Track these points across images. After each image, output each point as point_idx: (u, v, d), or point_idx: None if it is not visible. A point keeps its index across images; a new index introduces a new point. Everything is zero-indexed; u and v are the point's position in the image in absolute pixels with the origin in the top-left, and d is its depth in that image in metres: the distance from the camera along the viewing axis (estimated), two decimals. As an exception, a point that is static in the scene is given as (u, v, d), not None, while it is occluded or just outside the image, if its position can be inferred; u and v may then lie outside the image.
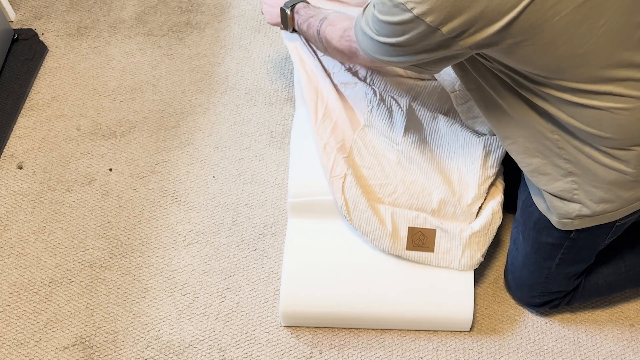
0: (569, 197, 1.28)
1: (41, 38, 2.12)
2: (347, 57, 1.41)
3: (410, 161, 1.54)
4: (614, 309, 1.58)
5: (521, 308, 1.58)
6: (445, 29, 1.06)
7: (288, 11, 1.58)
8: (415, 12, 1.06)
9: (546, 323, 1.56)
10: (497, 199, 1.52)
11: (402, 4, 1.07)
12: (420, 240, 1.47)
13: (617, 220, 1.31)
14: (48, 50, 2.10)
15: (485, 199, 1.52)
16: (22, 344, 1.57)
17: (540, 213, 1.36)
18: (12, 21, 2.17)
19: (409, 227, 1.47)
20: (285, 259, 1.53)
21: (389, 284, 1.49)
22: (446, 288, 1.48)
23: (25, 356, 1.55)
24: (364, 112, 1.60)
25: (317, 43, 1.51)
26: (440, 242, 1.47)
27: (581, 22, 1.05)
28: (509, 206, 1.68)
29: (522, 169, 1.35)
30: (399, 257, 1.49)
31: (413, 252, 1.48)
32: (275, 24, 1.66)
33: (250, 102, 1.96)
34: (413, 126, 1.59)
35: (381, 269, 1.50)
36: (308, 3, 1.60)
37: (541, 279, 1.47)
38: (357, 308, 1.50)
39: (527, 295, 1.53)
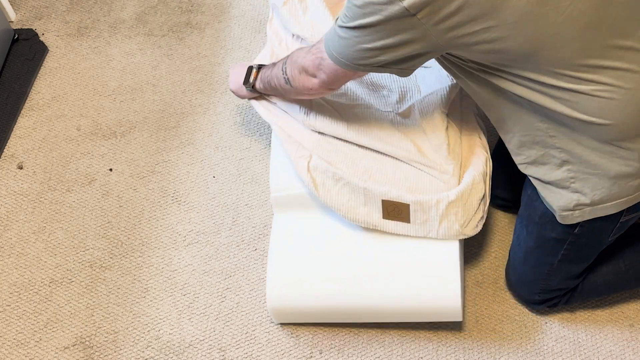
0: (566, 186, 1.28)
1: (41, 38, 2.12)
2: (310, 74, 1.36)
3: (373, 145, 1.52)
4: (614, 309, 1.58)
5: (521, 308, 1.58)
6: (420, 14, 1.09)
7: (254, 69, 1.57)
8: None
9: (546, 323, 1.56)
10: (477, 169, 1.48)
11: None
12: (395, 212, 1.45)
13: (620, 215, 1.31)
14: (48, 50, 2.10)
15: (462, 165, 1.50)
16: (22, 344, 1.57)
17: (546, 207, 1.37)
18: (12, 21, 2.17)
19: (382, 200, 1.45)
20: (270, 255, 1.53)
21: (375, 275, 1.48)
22: (433, 279, 1.46)
23: (25, 356, 1.55)
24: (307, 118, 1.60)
25: (279, 79, 1.47)
26: (416, 215, 1.45)
27: (544, 0, 1.07)
28: (511, 206, 1.68)
29: (526, 164, 1.36)
30: (380, 245, 1.48)
31: (389, 221, 1.46)
32: (236, 89, 1.63)
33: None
34: (361, 114, 1.59)
35: (367, 261, 1.49)
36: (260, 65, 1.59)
37: (542, 275, 1.47)
38: (345, 301, 1.49)
39: (527, 292, 1.53)
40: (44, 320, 1.60)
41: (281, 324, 1.57)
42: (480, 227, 1.47)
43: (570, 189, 1.28)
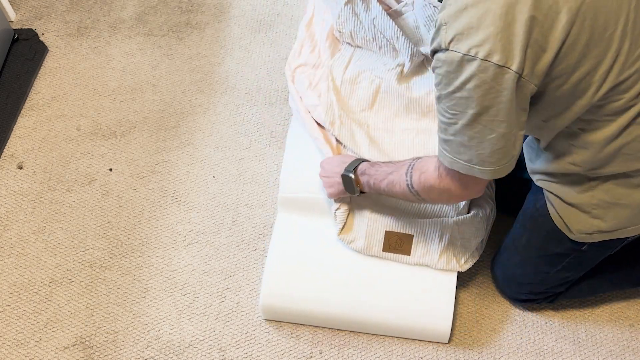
0: (588, 211, 1.26)
1: (41, 38, 2.12)
2: (455, 196, 1.26)
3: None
4: (614, 309, 1.58)
5: (521, 308, 1.58)
6: (513, 65, 1.03)
7: (352, 175, 1.43)
8: (480, 55, 1.02)
9: (546, 323, 1.56)
10: (484, 211, 1.51)
11: (465, 54, 1.03)
12: (397, 243, 1.48)
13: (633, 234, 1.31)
14: (48, 50, 2.10)
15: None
16: (22, 343, 1.57)
17: (555, 225, 1.33)
18: (12, 21, 2.17)
19: (385, 231, 1.49)
20: (270, 253, 1.54)
21: (370, 288, 1.50)
22: (427, 299, 1.48)
23: (25, 356, 1.55)
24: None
25: (409, 198, 1.36)
26: (417, 247, 1.49)
27: None
28: (506, 209, 1.68)
29: (549, 182, 1.31)
30: (379, 259, 1.51)
31: (389, 253, 1.50)
32: (338, 194, 1.50)
33: (250, 102, 1.96)
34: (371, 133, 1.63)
35: (364, 273, 1.51)
36: (368, 161, 1.48)
37: (535, 281, 1.47)
38: (336, 309, 1.50)
39: (514, 291, 1.54)
40: (44, 320, 1.60)
41: (280, 323, 1.57)
42: (472, 263, 1.52)
43: (591, 215, 1.27)
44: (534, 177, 1.35)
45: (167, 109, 1.96)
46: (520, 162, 1.39)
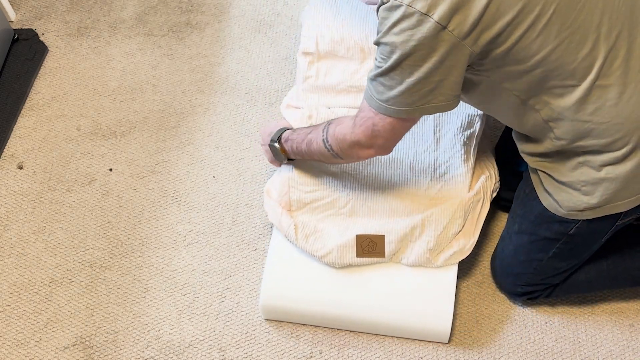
0: (578, 188, 1.29)
1: (41, 38, 2.12)
2: (365, 146, 1.32)
3: (353, 166, 1.56)
4: (614, 309, 1.58)
5: (521, 308, 1.58)
6: (450, 26, 1.10)
7: (276, 144, 1.52)
8: (418, 7, 1.10)
9: (546, 323, 1.56)
10: (464, 205, 1.51)
11: (405, 4, 1.11)
12: (370, 246, 1.48)
13: (618, 217, 1.32)
14: (48, 50, 2.10)
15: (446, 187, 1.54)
16: (22, 343, 1.57)
17: (543, 208, 1.37)
18: (12, 21, 2.17)
19: (356, 235, 1.49)
20: (270, 253, 1.54)
21: (370, 288, 1.50)
22: (427, 299, 1.48)
23: (25, 356, 1.55)
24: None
25: (324, 154, 1.41)
26: (391, 246, 1.49)
27: None
28: (499, 204, 1.69)
29: (541, 160, 1.35)
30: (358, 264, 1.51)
31: (363, 258, 1.49)
32: (273, 162, 1.59)
33: (250, 102, 1.96)
34: None
35: (364, 273, 1.51)
36: (291, 129, 1.54)
37: (529, 269, 1.48)
38: (336, 309, 1.50)
39: (511, 283, 1.54)
40: (44, 320, 1.60)
41: (280, 323, 1.57)
42: (455, 261, 1.50)
43: (582, 192, 1.29)
44: (529, 160, 1.38)
45: (167, 109, 1.96)
46: (518, 156, 1.42)
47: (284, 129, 1.55)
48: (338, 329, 1.56)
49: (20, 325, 1.59)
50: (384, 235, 1.48)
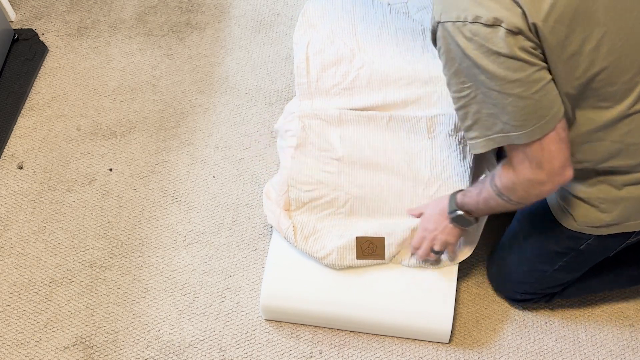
0: (596, 205, 1.27)
1: (41, 38, 2.12)
2: (538, 180, 1.18)
3: (351, 166, 1.56)
4: (614, 309, 1.58)
5: (522, 308, 1.58)
6: (503, 23, 1.05)
7: (461, 212, 1.39)
8: (470, 19, 1.06)
9: (546, 323, 1.56)
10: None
11: (456, 21, 1.08)
12: (370, 249, 1.48)
13: (630, 235, 1.31)
14: (48, 50, 2.10)
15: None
16: (22, 343, 1.57)
17: (554, 220, 1.33)
18: (12, 21, 2.17)
19: (356, 237, 1.49)
20: (270, 253, 1.54)
21: (370, 288, 1.50)
22: (428, 300, 1.48)
23: (26, 356, 1.55)
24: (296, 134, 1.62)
25: (507, 207, 1.29)
26: (391, 249, 1.49)
27: None
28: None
29: None
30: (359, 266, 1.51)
31: (363, 260, 1.50)
32: (457, 237, 1.45)
33: (250, 102, 1.96)
34: (348, 132, 1.61)
35: (364, 273, 1.51)
36: (451, 195, 1.44)
37: (531, 279, 1.47)
38: (337, 309, 1.50)
39: (511, 290, 1.54)
40: (44, 320, 1.60)
41: (280, 323, 1.57)
42: (456, 262, 1.51)
43: (599, 209, 1.27)
44: None
45: (167, 109, 1.96)
46: None
47: (450, 199, 1.42)
48: (338, 329, 1.56)
49: (20, 325, 1.59)
50: (384, 238, 1.48)
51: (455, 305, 1.48)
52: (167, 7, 2.20)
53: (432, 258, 1.48)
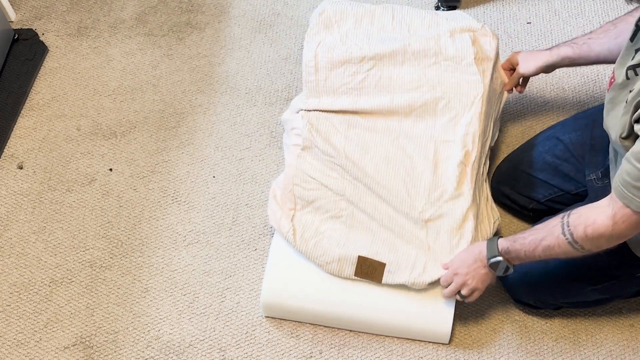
0: None
1: (41, 38, 2.12)
2: (623, 237, 1.22)
3: (354, 176, 1.55)
4: (614, 309, 1.58)
5: (522, 308, 1.58)
6: None
7: (500, 258, 1.37)
8: None
9: (546, 323, 1.56)
10: (465, 238, 1.49)
11: None
12: (370, 270, 1.48)
13: None
14: (48, 50, 2.10)
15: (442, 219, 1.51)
16: (22, 343, 1.57)
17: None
18: (12, 21, 2.17)
19: (359, 256, 1.49)
20: (271, 252, 1.54)
21: (371, 288, 1.49)
22: (428, 300, 1.48)
23: (26, 356, 1.55)
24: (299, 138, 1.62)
25: (569, 254, 1.28)
26: (388, 277, 1.48)
27: None
28: (514, 209, 1.68)
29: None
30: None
31: (360, 278, 1.49)
32: (485, 283, 1.43)
33: (250, 102, 1.96)
34: (354, 141, 1.60)
35: None
36: (496, 240, 1.40)
37: (560, 290, 1.45)
38: (337, 309, 1.50)
39: (526, 294, 1.53)
40: (44, 320, 1.60)
41: (280, 323, 1.57)
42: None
43: None
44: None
45: (167, 109, 1.96)
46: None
47: (489, 244, 1.40)
48: (338, 329, 1.56)
49: (20, 325, 1.59)
50: (385, 264, 1.48)
51: (455, 306, 1.47)
52: (167, 7, 2.20)
53: (456, 298, 1.46)
